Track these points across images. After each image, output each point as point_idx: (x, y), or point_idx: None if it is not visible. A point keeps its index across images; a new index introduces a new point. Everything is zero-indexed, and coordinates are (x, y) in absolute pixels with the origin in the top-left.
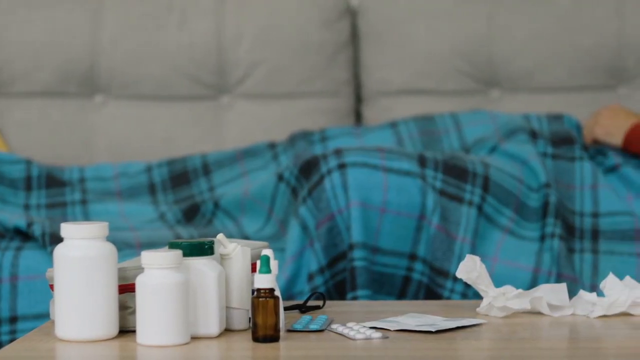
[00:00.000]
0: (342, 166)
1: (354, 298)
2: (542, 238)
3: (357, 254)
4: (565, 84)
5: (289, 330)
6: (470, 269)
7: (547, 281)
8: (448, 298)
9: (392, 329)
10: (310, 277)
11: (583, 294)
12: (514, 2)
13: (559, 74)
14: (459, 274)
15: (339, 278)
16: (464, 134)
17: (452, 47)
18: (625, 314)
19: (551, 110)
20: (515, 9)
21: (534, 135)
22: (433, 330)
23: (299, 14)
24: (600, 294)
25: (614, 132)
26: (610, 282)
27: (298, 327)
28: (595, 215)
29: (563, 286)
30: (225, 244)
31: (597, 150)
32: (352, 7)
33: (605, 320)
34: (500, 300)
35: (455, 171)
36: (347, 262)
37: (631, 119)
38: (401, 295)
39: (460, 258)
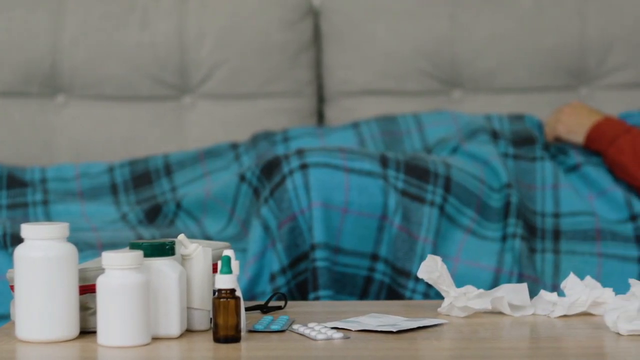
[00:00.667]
0: (304, 166)
1: (316, 298)
2: (504, 238)
3: (319, 254)
4: (526, 85)
5: (250, 331)
6: (431, 269)
7: (509, 281)
8: (410, 298)
9: (353, 329)
10: (272, 278)
11: (544, 293)
12: (476, 3)
13: (520, 75)
14: (420, 274)
15: (301, 278)
16: (425, 135)
17: (415, 48)
18: (585, 314)
19: (513, 111)
20: (477, 10)
21: (495, 135)
22: (394, 330)
23: (261, 14)
24: (561, 293)
25: (576, 129)
26: (571, 282)
27: (259, 327)
28: (556, 215)
29: (524, 286)
30: (186, 245)
31: (558, 148)
32: (315, 8)
33: (566, 320)
34: (461, 300)
35: (417, 171)
36: (309, 263)
37: (593, 117)
38: (363, 295)
39: (422, 258)
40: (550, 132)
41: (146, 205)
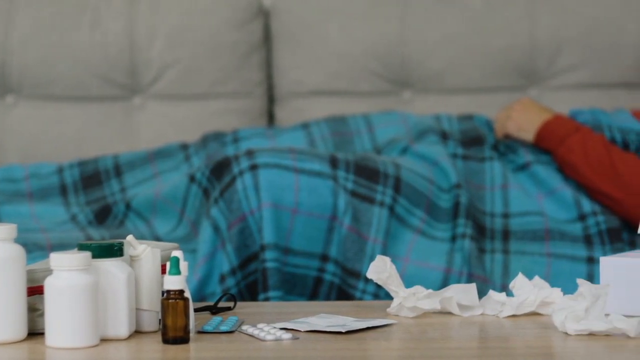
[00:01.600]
0: (253, 167)
1: (266, 299)
2: (453, 238)
3: (268, 255)
4: (476, 85)
5: (199, 332)
6: (380, 269)
7: (458, 281)
8: (360, 299)
9: (302, 329)
10: (222, 279)
11: (492, 293)
12: (426, 4)
13: (470, 75)
14: (370, 274)
15: (251, 279)
16: (375, 135)
17: (365, 49)
18: (534, 314)
19: (462, 111)
20: (427, 11)
21: (444, 136)
22: (343, 330)
23: (212, 14)
24: (510, 293)
25: (526, 127)
26: (519, 282)
27: (208, 328)
28: (505, 215)
29: (473, 286)
30: (134, 246)
31: (507, 146)
32: (265, 8)
33: (515, 319)
34: (410, 300)
35: (366, 172)
36: (258, 263)
37: (543, 114)
38: (313, 296)
39: (372, 259)
40: (499, 129)
41: (96, 206)
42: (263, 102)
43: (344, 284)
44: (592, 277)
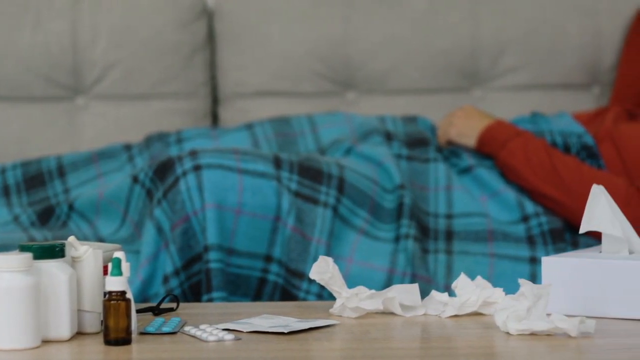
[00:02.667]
0: (197, 168)
1: (210, 300)
2: (397, 239)
3: (212, 255)
4: (420, 86)
5: (141, 333)
6: (323, 270)
7: (402, 281)
8: (303, 299)
9: (244, 330)
10: (166, 279)
11: (435, 294)
12: (370, 5)
13: (413, 76)
14: (312, 275)
15: (194, 280)
16: (319, 136)
17: (309, 49)
18: (476, 314)
19: (406, 112)
20: (371, 12)
21: (388, 137)
22: (285, 331)
23: (155, 14)
24: (452, 294)
25: (467, 133)
26: (461, 282)
27: (151, 329)
28: (449, 216)
29: (415, 287)
30: (76, 247)
31: (451, 151)
32: (209, 8)
33: (457, 319)
34: (353, 301)
35: (310, 173)
36: (202, 264)
37: (484, 121)
38: (257, 296)
39: (316, 259)
40: (442, 136)
41: (38, 207)
42: (207, 103)
43: (287, 285)
44: (535, 277)
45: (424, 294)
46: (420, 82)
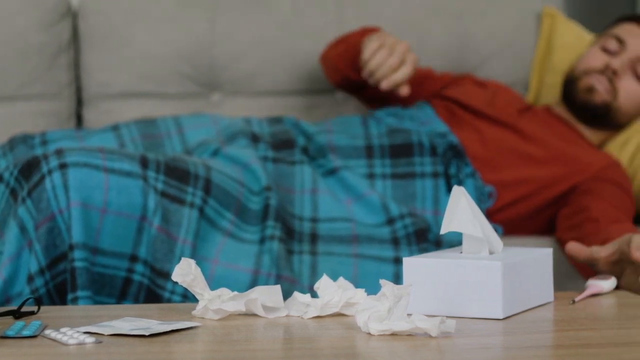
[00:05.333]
0: (63, 166)
1: (75, 299)
2: (262, 240)
3: (77, 254)
4: (285, 88)
5: (0, 337)
6: (185, 272)
7: (267, 282)
8: (169, 299)
9: (105, 333)
10: (30, 278)
11: (297, 295)
12: (236, 7)
13: (279, 78)
14: (175, 277)
15: (59, 279)
16: (186, 137)
17: (174, 51)
18: (338, 314)
19: (272, 114)
20: (237, 14)
21: (255, 138)
22: (147, 334)
23: (19, 15)
24: (316, 295)
25: None
26: (324, 283)
27: (10, 333)
28: (314, 220)
29: (277, 288)
30: None
31: (317, 150)
32: (73, 9)
33: (319, 320)
34: (215, 302)
35: (177, 173)
36: (67, 263)
37: None
38: (122, 296)
39: (181, 259)
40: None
41: None
42: (71, 104)
43: (152, 285)
44: (399, 277)
45: (289, 294)
46: (286, 84)
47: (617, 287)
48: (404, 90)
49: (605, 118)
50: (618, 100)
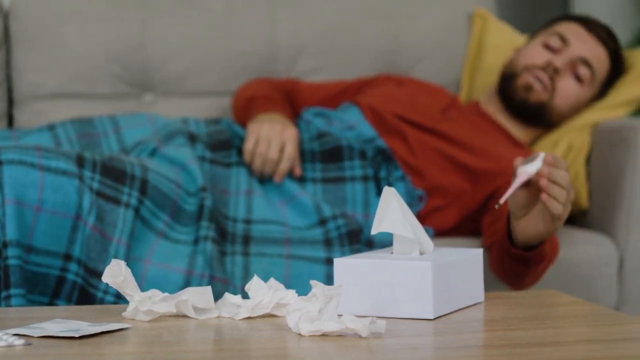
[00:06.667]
0: None
1: (8, 297)
2: (196, 241)
3: (11, 252)
4: (218, 88)
5: None
6: (115, 273)
7: (200, 283)
8: (102, 299)
9: (35, 335)
10: None
11: (228, 296)
12: (168, 7)
13: (212, 79)
14: (105, 278)
15: None
16: (123, 137)
17: (106, 51)
18: (269, 315)
19: (204, 114)
20: (169, 14)
21: (192, 138)
22: (77, 335)
23: None
24: (248, 296)
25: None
26: (255, 285)
27: None
28: (247, 221)
29: (208, 289)
30: None
31: None
32: (4, 9)
33: (250, 321)
34: (146, 304)
35: (113, 173)
36: (1, 260)
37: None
38: (55, 295)
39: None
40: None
41: None
42: (2, 105)
43: (86, 284)
44: (331, 278)
45: (222, 295)
46: (218, 84)
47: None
48: (297, 172)
49: (540, 117)
50: (554, 100)
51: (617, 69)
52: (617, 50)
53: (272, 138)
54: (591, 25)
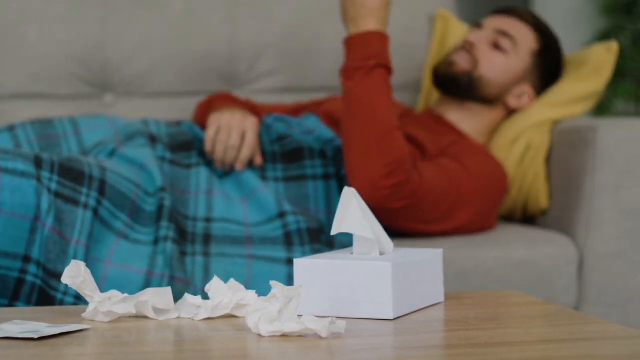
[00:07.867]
0: None
1: None
2: (156, 241)
3: None
4: (178, 89)
5: None
6: (75, 274)
7: (160, 284)
8: (62, 300)
9: None
10: None
11: (188, 297)
12: (128, 7)
13: (172, 79)
14: (64, 279)
15: None
16: (83, 138)
17: (66, 52)
18: (229, 316)
19: (164, 115)
20: (128, 14)
21: (153, 139)
22: (36, 337)
23: None
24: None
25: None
26: (215, 285)
27: None
28: (208, 220)
29: (168, 290)
30: None
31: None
32: None
33: (210, 322)
34: (105, 305)
35: (71, 174)
36: None
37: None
38: (14, 297)
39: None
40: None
41: None
42: None
43: (45, 286)
44: (292, 278)
45: (183, 296)
46: (178, 84)
47: None
48: (257, 161)
49: (472, 88)
50: (479, 69)
51: (548, 39)
52: (540, 23)
53: (233, 126)
54: (510, 10)
